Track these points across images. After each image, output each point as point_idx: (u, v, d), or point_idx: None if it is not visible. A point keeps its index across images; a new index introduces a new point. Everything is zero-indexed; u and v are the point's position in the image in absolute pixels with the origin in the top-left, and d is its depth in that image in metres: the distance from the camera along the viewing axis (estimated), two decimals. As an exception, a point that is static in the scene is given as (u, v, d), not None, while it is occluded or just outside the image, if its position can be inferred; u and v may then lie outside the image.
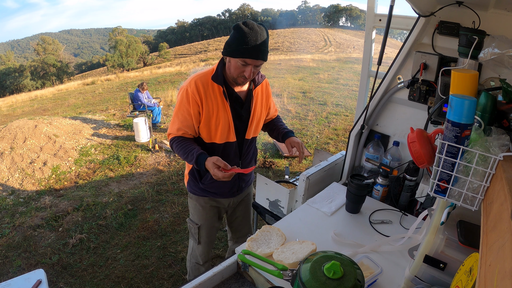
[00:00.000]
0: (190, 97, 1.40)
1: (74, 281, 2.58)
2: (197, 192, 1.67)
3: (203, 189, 1.64)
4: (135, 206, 3.69)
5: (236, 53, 1.30)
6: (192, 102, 1.40)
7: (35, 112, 9.74)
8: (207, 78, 1.41)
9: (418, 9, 1.37)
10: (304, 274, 0.81)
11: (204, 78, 1.42)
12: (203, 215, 1.73)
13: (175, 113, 1.48)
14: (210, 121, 1.45)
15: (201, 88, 1.40)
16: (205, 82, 1.41)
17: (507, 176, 0.62)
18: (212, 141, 1.50)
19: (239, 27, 1.29)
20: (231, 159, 1.56)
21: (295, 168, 4.60)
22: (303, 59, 18.67)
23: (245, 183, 1.74)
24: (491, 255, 0.51)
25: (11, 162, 4.73)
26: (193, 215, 1.77)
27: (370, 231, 1.37)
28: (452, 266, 0.80)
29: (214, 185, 1.62)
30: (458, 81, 0.96)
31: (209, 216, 1.74)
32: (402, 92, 1.62)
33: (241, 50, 1.29)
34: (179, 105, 1.45)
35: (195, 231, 1.77)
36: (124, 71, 33.35)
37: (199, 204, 1.71)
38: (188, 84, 1.41)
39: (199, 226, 1.75)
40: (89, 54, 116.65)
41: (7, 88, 34.18)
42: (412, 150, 0.95)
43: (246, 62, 1.32)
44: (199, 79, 1.41)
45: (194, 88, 1.39)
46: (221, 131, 1.47)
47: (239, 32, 1.28)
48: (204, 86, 1.40)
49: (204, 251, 1.83)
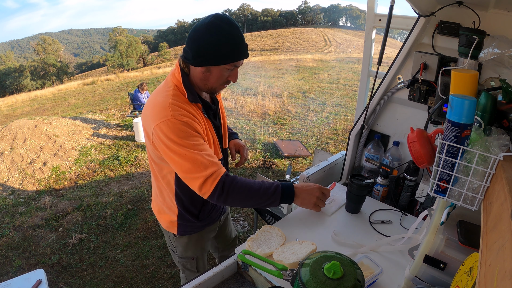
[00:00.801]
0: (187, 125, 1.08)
1: (74, 281, 2.58)
2: (194, 230, 1.43)
3: (200, 226, 1.43)
4: (135, 206, 3.69)
5: (225, 59, 1.07)
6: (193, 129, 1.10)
7: (35, 112, 9.74)
8: (182, 98, 1.12)
9: (418, 9, 1.37)
10: (304, 274, 0.81)
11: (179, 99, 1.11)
12: (201, 246, 1.53)
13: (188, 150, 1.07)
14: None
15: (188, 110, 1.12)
16: (182, 104, 1.11)
17: (507, 176, 0.62)
18: None
19: (218, 26, 1.03)
20: None
21: (295, 168, 4.60)
22: (303, 59, 18.67)
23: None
24: (491, 255, 0.51)
25: (11, 162, 4.73)
26: (186, 252, 1.50)
27: (370, 231, 1.37)
28: (452, 266, 0.80)
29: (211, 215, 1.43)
30: (458, 81, 0.96)
31: (204, 243, 1.55)
32: (402, 92, 1.62)
33: (231, 54, 1.07)
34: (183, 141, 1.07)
35: (191, 265, 1.55)
36: (124, 71, 33.36)
37: (193, 240, 1.47)
38: (174, 115, 1.07)
39: (196, 259, 1.54)
40: (89, 54, 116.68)
41: (7, 88, 34.19)
42: (412, 150, 0.95)
43: (237, 65, 1.11)
44: (177, 105, 1.09)
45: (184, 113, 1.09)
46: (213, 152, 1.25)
47: (221, 33, 1.03)
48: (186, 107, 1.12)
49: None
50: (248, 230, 3.19)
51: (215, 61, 1.07)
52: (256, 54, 30.87)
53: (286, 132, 6.10)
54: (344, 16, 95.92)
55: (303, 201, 1.27)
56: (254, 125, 6.46)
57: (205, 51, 1.05)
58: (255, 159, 4.89)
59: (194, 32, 1.07)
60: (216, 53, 1.05)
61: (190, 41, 1.08)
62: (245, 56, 1.11)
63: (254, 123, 6.59)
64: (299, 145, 5.39)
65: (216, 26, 1.03)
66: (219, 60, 1.07)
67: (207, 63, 1.08)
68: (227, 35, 1.04)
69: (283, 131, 6.16)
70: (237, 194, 1.13)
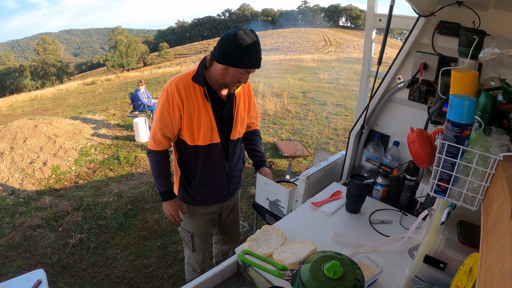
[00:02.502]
0: (171, 98, 1.39)
1: (74, 281, 2.58)
2: (188, 200, 1.65)
3: (193, 197, 1.63)
4: (135, 206, 3.69)
5: (240, 64, 1.31)
6: (172, 103, 1.40)
7: (35, 112, 9.74)
8: (188, 79, 1.40)
9: (418, 9, 1.37)
10: (304, 274, 0.81)
11: (184, 79, 1.41)
12: (196, 223, 1.71)
13: (156, 114, 1.47)
14: (192, 123, 1.44)
15: (182, 89, 1.39)
16: (186, 83, 1.40)
17: (507, 176, 0.62)
18: (195, 144, 1.49)
19: (241, 37, 1.27)
20: (217, 161, 1.56)
21: (295, 168, 4.60)
22: (303, 59, 18.67)
23: (235, 185, 1.72)
24: (491, 255, 0.51)
25: (11, 162, 4.73)
26: (185, 223, 1.74)
27: (370, 231, 1.37)
28: (452, 266, 0.80)
29: (203, 190, 1.60)
30: (458, 81, 0.96)
31: (201, 223, 1.72)
32: (402, 92, 1.62)
33: (246, 61, 1.30)
34: (160, 107, 1.43)
35: (188, 239, 1.75)
36: (124, 71, 33.36)
37: (190, 212, 1.69)
38: (169, 85, 1.40)
39: (191, 234, 1.73)
40: (89, 54, 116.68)
41: (7, 88, 34.19)
42: (412, 150, 0.95)
43: (249, 71, 1.35)
44: (179, 80, 1.40)
45: (174, 89, 1.38)
46: (203, 132, 1.46)
47: (242, 43, 1.27)
48: (185, 87, 1.39)
49: (200, 258, 1.81)
50: (248, 230, 3.19)
51: (230, 63, 1.31)
52: (256, 54, 30.78)
53: (286, 132, 6.10)
54: (344, 16, 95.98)
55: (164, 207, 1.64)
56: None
57: (227, 54, 1.30)
58: (255, 159, 4.89)
59: (225, 37, 1.31)
60: (232, 57, 1.30)
61: (220, 43, 1.32)
62: (257, 66, 1.35)
63: (254, 123, 6.59)
64: (299, 145, 5.39)
65: (241, 39, 1.27)
66: (234, 63, 1.31)
67: (225, 62, 1.32)
68: (247, 47, 1.27)
69: (283, 131, 6.15)
70: (150, 165, 1.60)
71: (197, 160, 1.53)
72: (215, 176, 1.59)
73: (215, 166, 1.56)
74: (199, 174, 1.56)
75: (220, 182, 1.62)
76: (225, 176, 1.62)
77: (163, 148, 1.54)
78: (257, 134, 1.83)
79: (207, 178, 1.58)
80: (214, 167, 1.57)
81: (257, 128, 1.84)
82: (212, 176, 1.58)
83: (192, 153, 1.52)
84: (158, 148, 1.53)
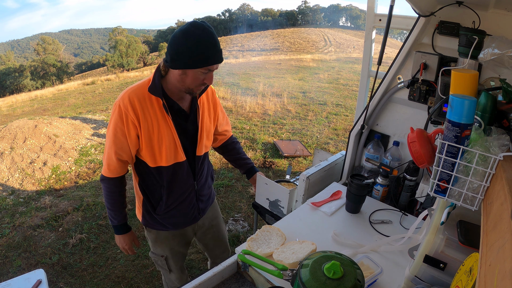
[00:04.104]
0: (124, 114, 1.19)
1: (74, 281, 2.58)
2: (155, 226, 1.50)
3: (160, 222, 1.47)
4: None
5: (198, 63, 1.13)
6: (126, 121, 1.20)
7: (35, 112, 9.74)
8: (143, 90, 1.22)
9: (418, 9, 1.37)
10: (304, 274, 0.81)
11: (138, 91, 1.21)
12: (167, 246, 1.56)
13: (109, 135, 1.26)
14: (151, 141, 1.25)
15: (136, 103, 1.19)
16: (140, 96, 1.21)
17: (507, 176, 0.62)
18: (158, 165, 1.31)
19: (191, 32, 1.10)
20: (185, 181, 1.39)
21: (295, 168, 4.60)
22: (303, 59, 18.67)
23: (205, 203, 1.56)
24: (491, 255, 0.51)
25: (11, 162, 4.73)
26: (155, 247, 1.58)
27: (370, 231, 1.37)
28: (452, 266, 0.80)
29: (171, 214, 1.45)
30: (458, 81, 0.96)
31: (173, 245, 1.57)
32: (402, 92, 1.62)
33: (204, 58, 1.12)
34: (113, 126, 1.23)
35: (162, 263, 1.60)
36: (124, 71, 33.37)
37: (159, 237, 1.54)
38: (121, 99, 1.20)
39: (165, 257, 1.58)
40: (89, 54, 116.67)
41: (7, 88, 34.18)
42: (412, 150, 0.95)
43: (210, 69, 1.17)
44: (133, 93, 1.21)
45: (127, 103, 1.19)
46: (166, 151, 1.28)
47: (195, 39, 1.09)
48: (139, 100, 1.20)
49: (178, 276, 1.67)
50: (248, 230, 3.18)
51: (189, 65, 1.14)
52: (256, 54, 30.87)
53: (286, 132, 6.10)
54: (344, 16, 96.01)
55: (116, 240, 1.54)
56: (254, 125, 6.46)
57: (181, 56, 1.12)
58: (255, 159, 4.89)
59: (173, 38, 1.14)
60: (190, 57, 1.12)
61: (169, 46, 1.15)
62: (217, 61, 1.16)
63: (254, 123, 6.58)
64: (299, 145, 5.39)
65: (190, 33, 1.10)
66: (193, 64, 1.14)
67: (183, 66, 1.15)
68: (201, 41, 1.10)
69: (283, 131, 6.15)
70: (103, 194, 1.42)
71: (161, 183, 1.36)
72: (183, 198, 1.43)
73: (182, 188, 1.40)
74: (166, 198, 1.39)
75: (190, 204, 1.46)
76: (194, 197, 1.46)
77: (118, 175, 1.35)
78: (235, 141, 1.69)
79: (175, 201, 1.42)
80: (181, 189, 1.40)
81: (232, 135, 1.69)
82: (180, 198, 1.42)
83: (155, 176, 1.34)
84: (112, 174, 1.33)
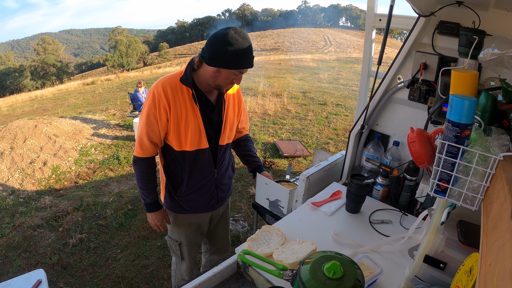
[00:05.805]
0: (157, 100, 1.32)
1: (74, 281, 2.58)
2: (175, 209, 1.59)
3: (180, 205, 1.57)
4: (135, 206, 3.69)
5: (233, 65, 1.26)
6: (159, 106, 1.33)
7: (35, 112, 9.74)
8: (175, 80, 1.34)
9: (418, 9, 1.37)
10: (304, 274, 0.81)
11: (172, 81, 1.34)
12: (183, 232, 1.65)
13: (142, 119, 1.39)
14: (179, 127, 1.37)
15: (169, 91, 1.32)
16: (173, 85, 1.33)
17: (507, 176, 0.62)
18: (182, 149, 1.42)
19: (232, 37, 1.21)
20: (205, 168, 1.49)
21: (295, 168, 4.60)
22: (303, 59, 18.67)
23: (224, 193, 1.66)
24: (491, 255, 0.51)
25: (11, 162, 4.73)
26: (172, 232, 1.68)
27: (370, 231, 1.37)
28: (452, 266, 0.80)
29: (190, 197, 1.54)
30: (458, 81, 0.96)
31: (189, 232, 1.66)
32: (402, 92, 1.62)
33: (239, 62, 1.25)
34: (147, 110, 1.36)
35: (176, 248, 1.69)
36: (124, 71, 33.36)
37: (177, 221, 1.63)
38: (155, 87, 1.34)
39: (179, 243, 1.67)
40: (89, 54, 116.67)
41: (7, 88, 34.20)
42: (412, 150, 0.95)
43: (242, 71, 1.30)
44: (166, 81, 1.34)
45: (161, 90, 1.32)
46: (191, 137, 1.39)
47: (233, 43, 1.21)
48: (172, 88, 1.33)
49: (189, 266, 1.75)
50: (248, 230, 3.18)
51: (222, 64, 1.26)
52: (256, 54, 30.75)
53: (286, 132, 6.10)
54: (344, 16, 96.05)
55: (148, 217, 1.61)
56: (254, 125, 6.46)
57: (219, 56, 1.24)
58: (255, 159, 4.89)
59: (215, 37, 1.25)
60: (227, 59, 1.24)
61: (210, 44, 1.26)
62: (250, 66, 1.30)
63: (254, 123, 6.58)
64: (299, 145, 5.39)
65: (232, 38, 1.21)
66: (226, 65, 1.26)
67: (219, 65, 1.26)
68: (240, 47, 1.22)
69: (283, 131, 6.15)
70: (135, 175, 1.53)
71: (184, 166, 1.47)
72: (203, 184, 1.53)
73: (203, 173, 1.50)
74: (186, 181, 1.50)
75: (209, 190, 1.56)
76: (213, 184, 1.56)
77: (149, 155, 1.47)
78: (249, 139, 1.80)
79: (195, 185, 1.52)
80: (202, 174, 1.50)
81: (248, 133, 1.80)
82: (200, 183, 1.52)
83: (179, 159, 1.46)
84: (145, 155, 1.45)
